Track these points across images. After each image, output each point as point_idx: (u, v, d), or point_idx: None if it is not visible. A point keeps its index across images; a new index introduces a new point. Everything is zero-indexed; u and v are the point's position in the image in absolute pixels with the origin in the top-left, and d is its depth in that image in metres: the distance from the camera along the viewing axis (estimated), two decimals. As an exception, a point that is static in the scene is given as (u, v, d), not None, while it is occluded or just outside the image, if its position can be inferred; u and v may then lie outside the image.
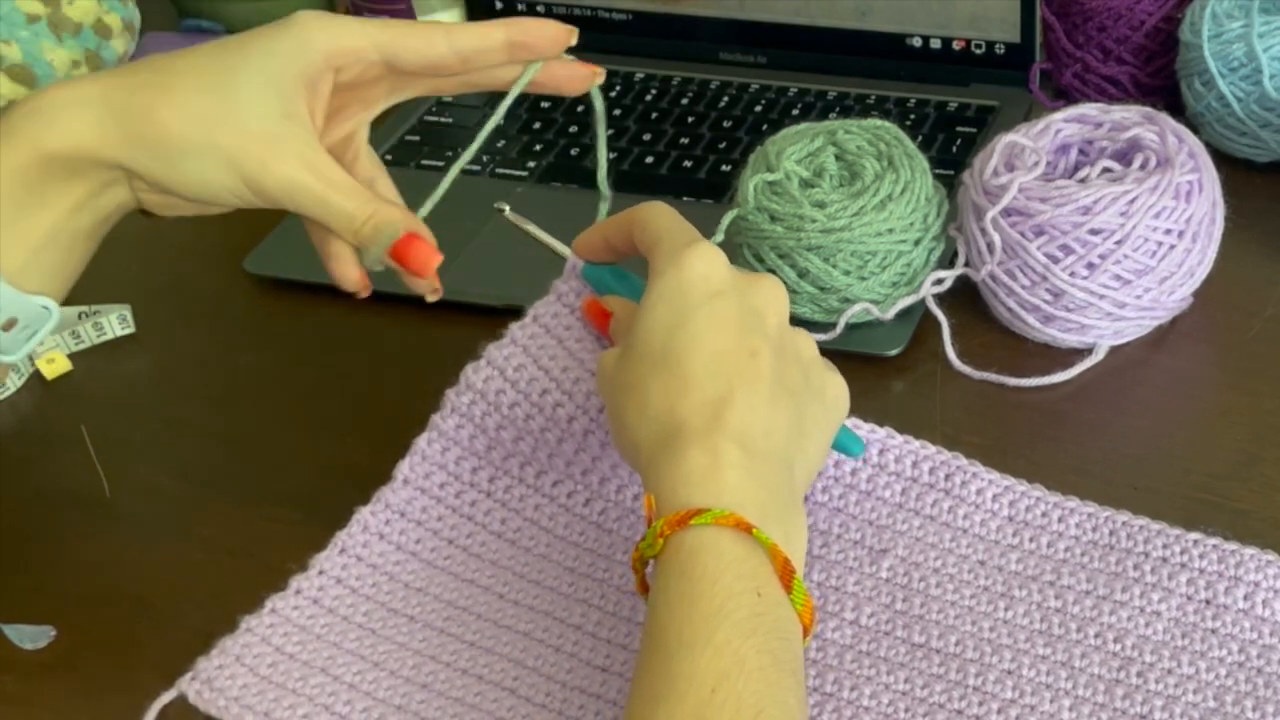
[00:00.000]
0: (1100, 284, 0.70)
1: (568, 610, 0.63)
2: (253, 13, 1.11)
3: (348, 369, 0.78)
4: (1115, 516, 0.63)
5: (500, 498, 0.67)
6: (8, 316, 0.57)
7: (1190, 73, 0.83)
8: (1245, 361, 0.72)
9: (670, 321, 0.55)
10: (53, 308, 0.58)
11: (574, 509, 0.66)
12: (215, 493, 0.71)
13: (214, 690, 0.60)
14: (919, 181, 0.74)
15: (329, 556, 0.65)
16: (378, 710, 0.59)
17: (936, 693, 0.58)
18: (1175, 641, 0.59)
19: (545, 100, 0.97)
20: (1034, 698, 0.57)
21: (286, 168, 0.57)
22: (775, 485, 0.53)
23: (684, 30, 0.98)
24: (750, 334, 0.55)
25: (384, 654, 0.61)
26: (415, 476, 0.67)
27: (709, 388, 0.54)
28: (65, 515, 0.70)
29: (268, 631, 0.62)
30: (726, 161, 0.89)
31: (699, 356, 0.54)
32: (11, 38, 0.97)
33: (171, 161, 0.57)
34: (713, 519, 0.50)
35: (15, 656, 0.64)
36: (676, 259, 0.56)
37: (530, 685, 0.60)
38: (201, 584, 0.67)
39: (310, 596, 0.63)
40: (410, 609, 0.63)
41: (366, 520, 0.66)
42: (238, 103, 0.57)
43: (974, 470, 0.65)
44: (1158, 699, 0.57)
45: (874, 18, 0.93)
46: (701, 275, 0.56)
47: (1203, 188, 0.71)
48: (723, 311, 0.55)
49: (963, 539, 0.64)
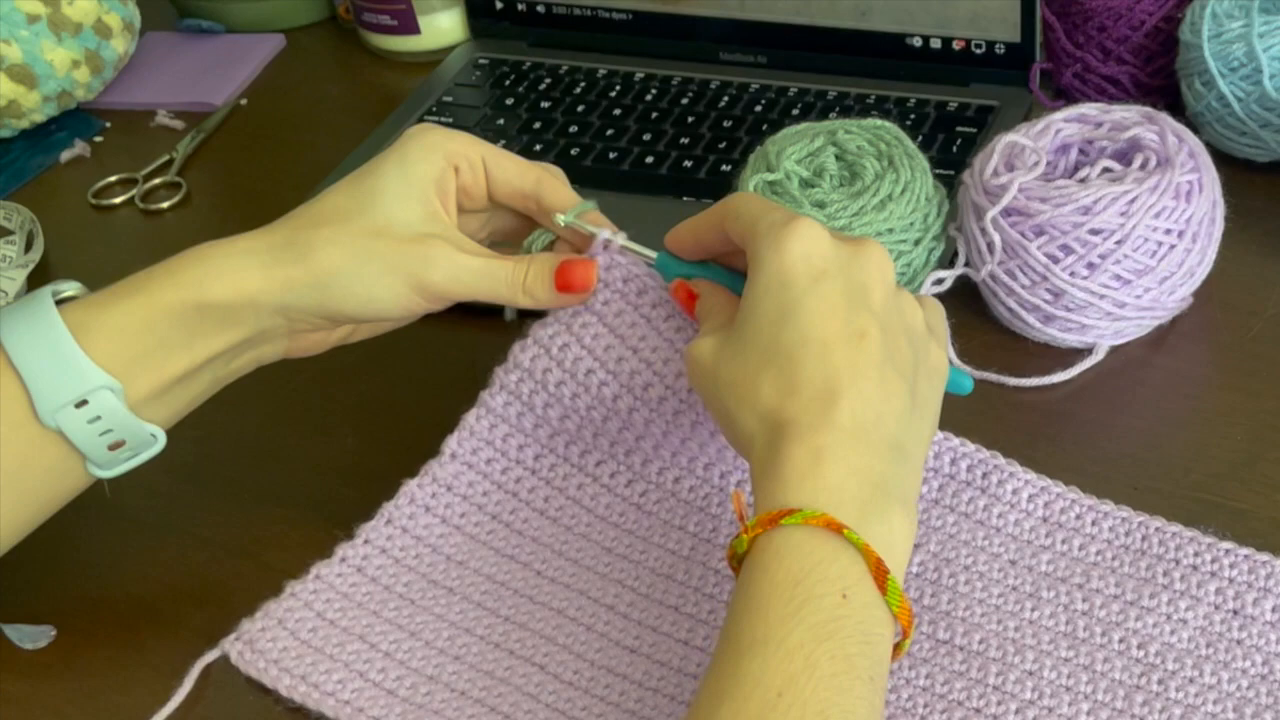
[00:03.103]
0: (1100, 284, 0.70)
1: (602, 590, 0.63)
2: (253, 13, 1.11)
3: (349, 369, 0.78)
4: (1149, 522, 0.63)
5: (545, 475, 0.67)
6: (117, 438, 0.59)
7: (1190, 73, 0.83)
8: (1245, 361, 0.72)
9: (776, 314, 0.54)
10: (160, 436, 0.61)
11: (616, 489, 0.67)
12: (215, 493, 0.71)
13: (255, 652, 0.61)
14: (919, 181, 0.74)
15: (375, 527, 0.66)
16: (410, 680, 0.60)
17: (956, 690, 0.58)
18: (1199, 650, 0.59)
19: (545, 100, 0.97)
20: (1053, 700, 0.57)
21: (444, 259, 0.61)
22: (883, 476, 0.52)
23: (684, 30, 0.98)
24: (858, 314, 0.54)
25: (420, 624, 0.62)
26: (463, 452, 0.67)
27: (818, 381, 0.53)
28: (65, 515, 0.70)
29: (311, 597, 0.63)
30: (726, 161, 0.89)
31: (808, 350, 0.53)
32: (11, 38, 0.97)
33: (339, 287, 0.60)
34: (802, 519, 0.50)
35: (15, 656, 0.64)
36: (776, 243, 0.55)
37: (560, 662, 0.61)
38: (201, 584, 0.67)
39: (354, 565, 0.64)
40: (450, 581, 0.64)
41: (414, 493, 0.67)
42: (386, 216, 0.61)
43: (1011, 470, 0.66)
44: (1177, 708, 0.57)
45: (874, 18, 0.93)
46: (802, 256, 0.55)
47: (1203, 188, 0.71)
48: (828, 295, 0.54)
49: (995, 538, 0.64)
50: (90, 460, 0.60)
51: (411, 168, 0.62)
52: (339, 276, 0.60)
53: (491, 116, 0.96)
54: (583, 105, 0.96)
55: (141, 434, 0.60)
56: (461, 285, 0.61)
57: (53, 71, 0.99)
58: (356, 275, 0.60)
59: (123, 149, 1.01)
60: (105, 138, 1.02)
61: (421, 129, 0.64)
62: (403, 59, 1.07)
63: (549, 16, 1.02)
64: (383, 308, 0.61)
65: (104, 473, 0.61)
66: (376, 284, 0.60)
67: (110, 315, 0.59)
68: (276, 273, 0.60)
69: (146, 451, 0.61)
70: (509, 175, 0.65)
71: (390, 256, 0.60)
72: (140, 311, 0.59)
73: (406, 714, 0.59)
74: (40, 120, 1.02)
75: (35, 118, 1.01)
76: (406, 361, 0.78)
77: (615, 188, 0.88)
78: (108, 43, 1.02)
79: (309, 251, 0.60)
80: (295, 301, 0.60)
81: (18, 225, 0.91)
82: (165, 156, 0.98)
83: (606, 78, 0.98)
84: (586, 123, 0.94)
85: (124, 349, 0.58)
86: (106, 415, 0.58)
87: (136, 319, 0.59)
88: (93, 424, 0.58)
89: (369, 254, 0.60)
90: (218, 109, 1.03)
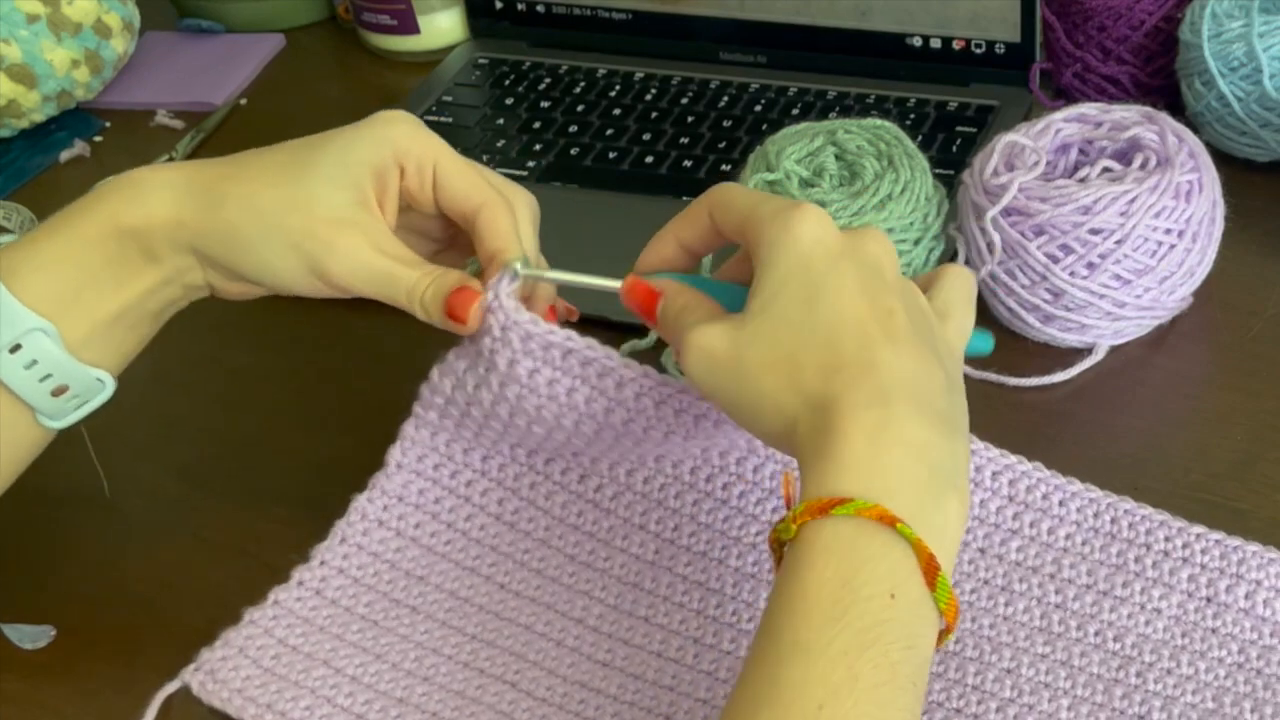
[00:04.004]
0: (1100, 284, 0.70)
1: (569, 603, 0.63)
2: (253, 13, 1.11)
3: (348, 369, 0.78)
4: (1117, 504, 0.63)
5: (496, 477, 0.66)
6: (59, 383, 0.58)
7: (1190, 72, 0.83)
8: (1245, 361, 0.72)
9: (803, 295, 0.52)
10: (107, 380, 0.60)
11: (569, 486, 0.66)
12: (215, 493, 0.71)
13: (217, 682, 0.60)
14: (919, 181, 0.74)
15: (330, 547, 0.65)
16: (379, 703, 0.59)
17: (935, 691, 0.58)
18: (1175, 641, 0.59)
19: (545, 100, 0.97)
20: (1032, 697, 0.57)
21: (349, 251, 0.58)
22: (939, 454, 0.50)
23: (684, 30, 0.98)
24: (880, 293, 0.53)
25: (386, 646, 0.61)
26: (409, 461, 0.66)
27: (863, 358, 0.51)
28: (65, 515, 0.70)
29: (270, 624, 0.62)
30: (726, 161, 0.89)
31: (844, 329, 0.52)
32: (11, 37, 0.96)
33: (240, 248, 0.58)
34: (855, 509, 0.48)
35: (15, 656, 0.64)
36: (788, 225, 0.53)
37: (531, 679, 0.60)
38: (201, 584, 0.67)
39: (313, 588, 0.64)
40: (412, 599, 0.63)
41: (364, 508, 0.65)
42: (310, 192, 0.58)
43: (972, 447, 0.64)
44: (1156, 699, 0.57)
45: (874, 17, 0.93)
46: (816, 239, 0.53)
47: (1203, 187, 0.71)
48: (851, 275, 0.53)
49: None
50: (37, 410, 0.59)
51: (354, 152, 0.60)
52: (240, 240, 0.58)
53: (491, 116, 0.96)
54: (583, 105, 0.96)
55: (85, 378, 0.59)
56: (359, 282, 0.59)
57: (52, 71, 0.99)
58: (258, 242, 0.58)
59: (122, 149, 1.01)
60: (105, 137, 1.02)
61: (389, 117, 0.61)
62: (402, 59, 1.07)
63: (549, 16, 1.02)
64: (280, 281, 0.59)
65: (55, 423, 0.60)
66: (276, 257, 0.58)
67: (37, 254, 0.57)
68: (189, 214, 0.58)
69: (96, 398, 0.60)
70: (455, 193, 0.61)
71: (296, 234, 0.58)
72: (66, 247, 0.57)
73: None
74: (40, 120, 1.02)
75: (35, 117, 1.01)
76: (406, 361, 0.77)
77: (615, 188, 0.88)
78: (107, 42, 1.02)
79: (221, 203, 0.58)
80: (203, 248, 0.59)
81: (17, 225, 0.91)
82: (165, 156, 0.98)
83: (606, 78, 0.98)
84: (586, 123, 0.94)
85: (54, 288, 0.57)
86: (43, 359, 0.57)
87: (62, 256, 0.57)
88: (30, 369, 0.57)
89: (276, 225, 0.58)
90: (217, 109, 1.03)
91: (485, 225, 0.60)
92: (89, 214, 0.58)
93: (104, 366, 0.59)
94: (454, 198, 0.61)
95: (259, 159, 0.60)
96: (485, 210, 0.60)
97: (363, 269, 0.59)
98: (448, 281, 0.59)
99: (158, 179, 0.59)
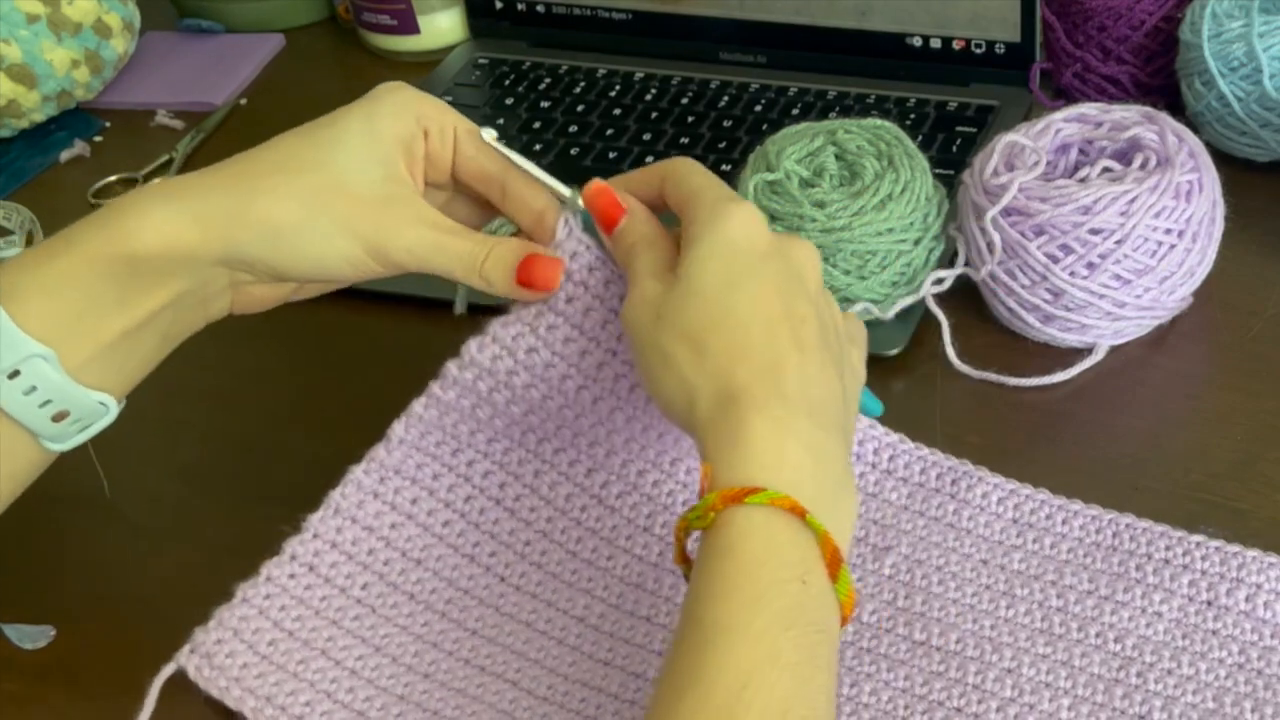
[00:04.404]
0: (1100, 284, 0.70)
1: (570, 601, 0.63)
2: (253, 13, 1.11)
3: (348, 369, 0.78)
4: (1119, 519, 0.63)
5: (499, 459, 0.65)
6: (59, 409, 0.57)
7: (1190, 72, 0.83)
8: (1245, 361, 0.72)
9: (725, 278, 0.54)
10: (110, 404, 0.58)
11: (575, 478, 0.65)
12: (215, 493, 0.71)
13: (214, 668, 0.59)
14: (919, 181, 0.74)
15: (323, 518, 0.63)
16: (380, 700, 0.59)
17: (936, 690, 0.58)
18: (1176, 642, 0.59)
19: (545, 100, 0.97)
20: (1033, 696, 0.57)
21: (404, 225, 0.57)
22: (833, 459, 0.52)
23: (684, 30, 0.98)
24: (797, 299, 0.54)
25: (384, 638, 0.61)
26: (410, 436, 0.64)
27: (768, 354, 0.52)
28: (65, 515, 0.70)
29: (265, 603, 0.61)
30: (726, 161, 0.89)
31: (756, 321, 0.53)
32: (11, 37, 0.97)
33: (284, 241, 0.56)
34: (768, 499, 0.49)
35: (15, 656, 0.64)
36: (724, 212, 0.55)
37: (532, 678, 0.60)
38: (201, 584, 0.66)
39: (305, 563, 0.62)
40: (409, 585, 0.63)
41: (360, 479, 0.64)
42: (344, 173, 0.57)
43: (979, 475, 0.66)
44: (1157, 699, 0.57)
45: (874, 17, 0.93)
46: (747, 234, 0.55)
47: (1203, 187, 0.71)
48: (773, 275, 0.54)
49: (966, 539, 0.64)
50: (38, 434, 0.57)
51: (379, 123, 0.58)
52: (287, 232, 0.56)
53: (491, 116, 0.96)
54: (583, 105, 0.96)
55: (86, 402, 0.57)
56: (414, 259, 0.58)
57: (52, 71, 0.99)
58: (307, 232, 0.56)
59: (122, 149, 1.01)
60: (105, 137, 1.02)
61: (393, 86, 0.60)
62: (402, 59, 1.07)
63: (549, 16, 1.02)
64: (333, 269, 0.57)
65: (57, 446, 0.58)
66: (328, 244, 0.56)
67: (38, 276, 0.55)
68: (214, 225, 0.55)
69: (99, 421, 0.58)
70: (483, 153, 0.60)
71: (346, 216, 0.56)
72: (69, 269, 0.55)
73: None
74: (40, 120, 1.02)
75: (35, 117, 1.01)
76: (407, 361, 0.78)
77: (615, 188, 0.88)
78: (107, 42, 1.02)
79: (250, 200, 0.56)
80: (238, 255, 0.56)
81: (17, 225, 0.91)
82: (165, 156, 0.98)
83: (606, 78, 0.98)
84: (586, 123, 0.94)
85: (55, 311, 0.55)
86: (43, 385, 0.55)
87: (66, 277, 0.55)
88: (30, 395, 0.55)
89: (322, 210, 0.56)
90: (217, 109, 1.03)
91: (517, 180, 0.60)
92: (94, 234, 0.56)
93: (107, 389, 0.58)
94: (478, 157, 0.60)
95: (273, 151, 0.58)
96: (512, 168, 0.60)
97: (419, 244, 0.57)
98: (507, 250, 0.58)
99: (172, 196, 0.56)
